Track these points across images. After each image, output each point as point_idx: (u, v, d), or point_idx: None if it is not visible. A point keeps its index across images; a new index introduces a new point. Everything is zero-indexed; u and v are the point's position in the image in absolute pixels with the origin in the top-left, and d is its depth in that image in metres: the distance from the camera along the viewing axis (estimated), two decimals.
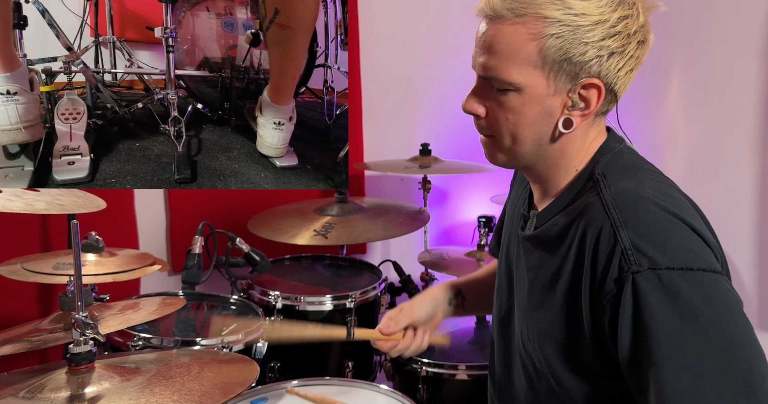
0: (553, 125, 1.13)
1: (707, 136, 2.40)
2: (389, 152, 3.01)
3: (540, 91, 1.10)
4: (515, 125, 1.13)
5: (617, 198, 1.07)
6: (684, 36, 2.44)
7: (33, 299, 2.47)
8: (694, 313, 0.97)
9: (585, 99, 1.11)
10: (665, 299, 0.97)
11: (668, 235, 1.01)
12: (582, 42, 1.06)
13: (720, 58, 2.36)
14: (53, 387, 1.29)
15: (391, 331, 1.46)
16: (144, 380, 1.33)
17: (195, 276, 2.17)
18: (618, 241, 1.02)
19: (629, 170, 1.15)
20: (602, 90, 1.10)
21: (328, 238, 2.40)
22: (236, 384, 1.35)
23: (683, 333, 0.96)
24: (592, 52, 1.07)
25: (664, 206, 1.04)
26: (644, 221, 1.02)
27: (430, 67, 3.00)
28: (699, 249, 1.02)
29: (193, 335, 2.03)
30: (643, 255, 1.00)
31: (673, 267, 0.98)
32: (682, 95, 2.51)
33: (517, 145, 1.15)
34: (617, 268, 1.02)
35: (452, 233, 3.27)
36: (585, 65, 1.08)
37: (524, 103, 1.11)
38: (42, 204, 1.59)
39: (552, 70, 1.08)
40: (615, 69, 1.09)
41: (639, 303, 0.99)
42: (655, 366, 0.97)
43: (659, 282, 0.98)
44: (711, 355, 0.95)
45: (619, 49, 1.08)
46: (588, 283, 1.06)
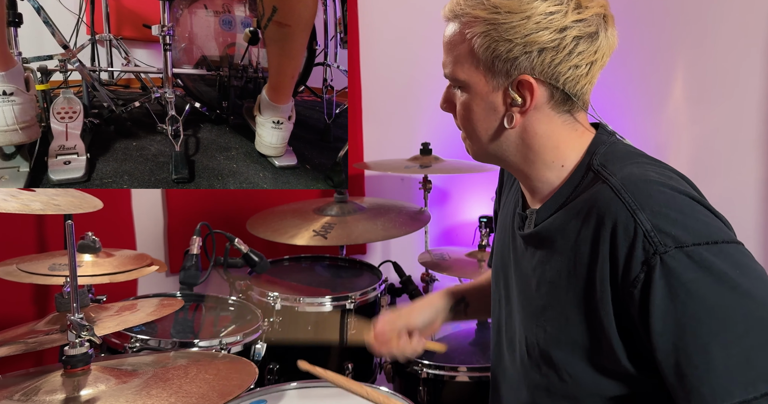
0: (499, 121, 1.15)
1: (711, 135, 2.39)
2: (389, 152, 3.00)
3: (481, 87, 1.14)
4: (467, 120, 1.18)
5: (627, 183, 1.06)
6: (688, 34, 2.44)
7: (28, 300, 2.46)
8: (731, 285, 0.97)
9: (522, 96, 1.13)
10: (700, 276, 0.97)
11: (686, 213, 1.01)
12: (506, 39, 1.09)
13: (724, 57, 2.35)
14: (48, 389, 1.28)
15: (386, 336, 1.46)
16: (141, 382, 1.32)
17: (193, 277, 2.17)
18: (638, 224, 1.01)
19: (628, 158, 1.15)
20: (534, 86, 1.10)
21: (327, 238, 2.40)
22: (234, 386, 1.34)
23: (725, 307, 0.96)
24: (519, 49, 1.09)
25: (673, 186, 1.05)
26: (660, 202, 1.02)
27: (430, 65, 2.95)
28: (716, 223, 1.03)
29: (191, 336, 2.03)
30: (666, 235, 0.99)
31: (699, 243, 0.98)
32: (686, 94, 2.50)
33: (473, 139, 1.20)
34: (641, 252, 1.00)
35: (453, 233, 3.26)
36: (514, 62, 1.10)
37: (471, 99, 1.15)
38: (38, 204, 1.57)
39: (487, 67, 1.12)
40: (550, 64, 1.09)
41: (672, 284, 0.98)
42: (700, 346, 0.96)
43: (689, 260, 0.97)
44: (757, 325, 0.96)
45: (550, 44, 1.08)
46: (608, 272, 1.05)
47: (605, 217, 1.05)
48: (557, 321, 1.15)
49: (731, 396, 0.95)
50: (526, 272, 1.24)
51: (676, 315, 0.98)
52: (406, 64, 3.09)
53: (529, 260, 1.23)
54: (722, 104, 2.37)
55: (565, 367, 1.15)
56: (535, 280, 1.21)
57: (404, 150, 2.89)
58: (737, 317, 0.96)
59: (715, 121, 2.39)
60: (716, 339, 0.95)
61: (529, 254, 1.23)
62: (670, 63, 2.50)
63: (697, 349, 0.96)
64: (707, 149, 2.38)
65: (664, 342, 0.99)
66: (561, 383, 1.16)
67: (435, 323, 1.53)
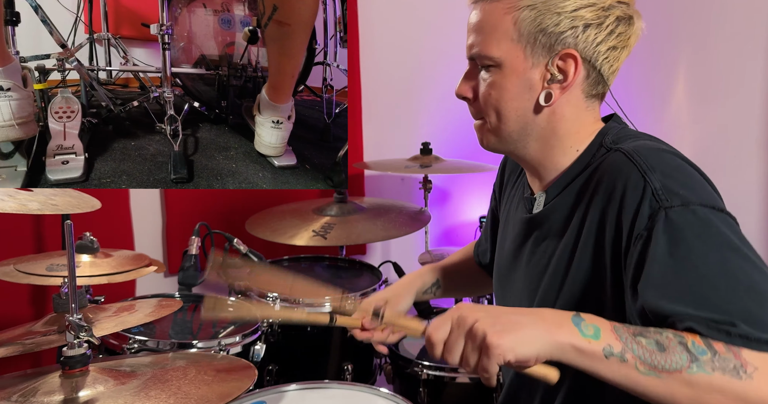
0: (535, 99, 1.15)
1: (713, 134, 2.40)
2: (389, 152, 3.01)
3: (518, 64, 1.13)
4: (498, 100, 1.16)
5: (639, 149, 1.09)
6: (690, 32, 2.44)
7: (26, 301, 2.45)
8: (733, 247, 0.98)
9: (563, 71, 1.13)
10: (702, 233, 0.98)
11: (695, 179, 1.04)
12: (555, 12, 1.10)
13: (727, 56, 2.35)
14: (46, 390, 1.28)
15: (374, 326, 1.42)
16: (139, 383, 1.32)
17: (192, 278, 2.17)
18: (648, 182, 1.03)
19: (638, 135, 1.18)
20: (578, 61, 1.12)
21: (327, 239, 2.40)
22: (233, 387, 1.34)
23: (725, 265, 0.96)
24: (566, 23, 1.10)
25: (684, 157, 1.08)
26: (671, 166, 1.05)
27: (430, 64, 3.01)
28: (718, 197, 1.05)
29: (189, 337, 2.03)
30: (674, 194, 1.01)
31: (705, 205, 1.00)
32: (688, 93, 2.50)
33: (501, 121, 1.17)
34: (648, 207, 1.02)
35: (453, 233, 3.27)
36: (560, 36, 1.11)
37: (504, 77, 1.14)
38: (35, 204, 1.57)
39: (528, 42, 1.11)
40: (593, 42, 1.11)
41: (674, 237, 0.99)
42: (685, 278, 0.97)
43: (694, 217, 0.99)
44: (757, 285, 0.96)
45: (595, 21, 1.10)
46: (614, 232, 1.06)
47: (617, 180, 1.07)
48: (568, 297, 1.15)
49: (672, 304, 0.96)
50: (533, 258, 1.24)
51: (674, 268, 0.98)
52: (406, 64, 3.10)
53: (536, 244, 1.23)
54: (724, 103, 2.37)
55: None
56: (545, 260, 1.21)
57: (404, 150, 2.89)
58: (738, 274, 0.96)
59: (718, 120, 2.39)
60: (703, 279, 0.96)
61: (536, 236, 1.23)
62: (673, 62, 2.50)
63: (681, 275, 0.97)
64: (709, 148, 2.39)
65: (649, 284, 0.99)
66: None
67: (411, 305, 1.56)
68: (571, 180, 1.18)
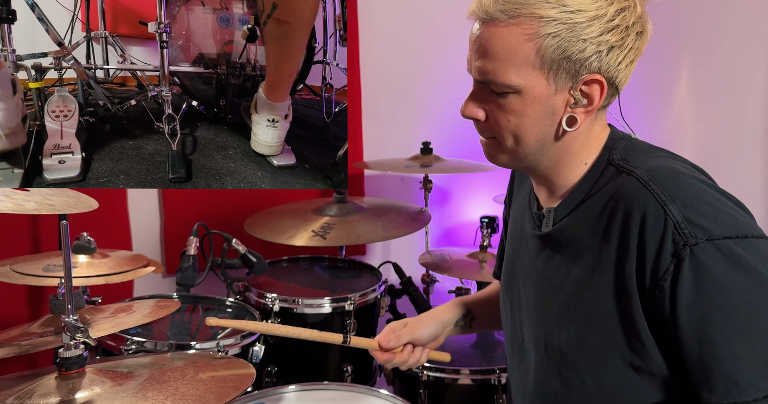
0: (557, 124, 1.12)
1: (717, 134, 2.39)
2: (389, 151, 3.01)
3: (540, 91, 1.08)
4: (518, 127, 1.12)
5: (655, 174, 1.05)
6: (694, 31, 2.44)
7: (22, 302, 2.45)
8: (759, 280, 0.97)
9: (587, 95, 1.10)
10: (728, 270, 0.97)
11: (716, 206, 1.01)
12: (580, 39, 1.05)
13: (730, 55, 2.35)
14: (43, 392, 1.27)
15: (390, 347, 1.44)
16: (137, 385, 1.32)
17: (190, 278, 2.17)
18: (669, 216, 1.00)
19: (649, 151, 1.14)
20: (604, 85, 1.08)
21: (326, 239, 2.40)
22: (232, 388, 1.33)
23: (752, 302, 0.96)
24: (591, 49, 1.06)
25: (701, 178, 1.05)
26: (690, 194, 1.02)
27: (431, 63, 3.01)
28: (744, 218, 1.02)
29: (187, 338, 2.03)
30: (697, 227, 0.98)
31: (730, 236, 0.98)
32: (691, 92, 2.50)
33: (520, 146, 1.14)
34: (671, 243, 0.99)
35: (454, 233, 3.26)
36: (585, 62, 1.06)
37: (525, 104, 1.09)
38: (32, 204, 1.56)
39: (551, 69, 1.07)
40: (615, 63, 1.08)
41: (700, 277, 0.97)
42: (726, 339, 0.96)
43: (719, 253, 0.97)
44: None
45: (618, 43, 1.07)
46: (635, 265, 1.04)
47: (633, 209, 1.04)
48: (582, 321, 1.13)
49: (756, 390, 0.95)
50: (546, 273, 1.21)
51: (702, 308, 0.97)
52: (406, 63, 3.09)
53: (549, 261, 1.20)
54: (728, 103, 2.37)
55: (587, 369, 1.13)
56: (558, 280, 1.18)
57: (404, 149, 2.89)
58: (764, 312, 0.96)
59: (721, 120, 2.38)
60: (741, 332, 0.95)
61: (547, 254, 1.21)
62: (676, 62, 2.50)
63: (722, 342, 0.96)
64: (713, 149, 2.38)
65: (690, 334, 0.99)
66: (583, 386, 1.14)
67: (440, 337, 1.51)
68: (580, 200, 1.15)
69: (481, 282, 2.55)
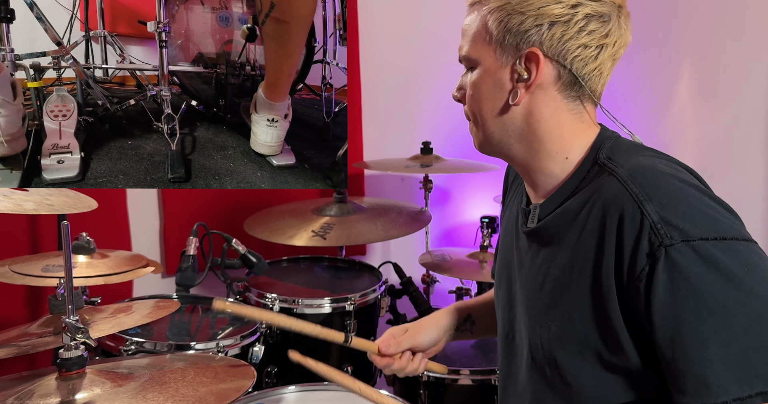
0: (505, 99, 1.15)
1: (718, 134, 2.38)
2: (389, 151, 3.00)
3: (490, 64, 1.15)
4: (476, 101, 1.18)
5: (634, 174, 1.05)
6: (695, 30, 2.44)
7: (21, 302, 2.43)
8: (736, 283, 0.95)
9: (529, 70, 1.12)
10: (703, 271, 0.95)
11: (695, 206, 1.00)
12: (519, 11, 1.10)
13: (732, 54, 2.34)
14: (43, 393, 1.28)
15: (390, 353, 1.44)
16: (137, 386, 1.32)
17: (189, 278, 2.16)
18: (645, 215, 0.99)
19: (635, 150, 1.14)
20: (540, 59, 1.11)
21: (326, 239, 2.40)
22: (232, 389, 1.34)
23: (727, 305, 0.95)
24: (530, 21, 1.10)
25: (683, 178, 1.04)
26: (668, 194, 1.01)
27: (431, 62, 3.01)
28: (726, 219, 1.01)
29: (187, 339, 2.03)
30: (673, 228, 0.97)
31: (707, 238, 0.97)
32: (693, 92, 2.49)
33: (480, 121, 1.19)
34: (647, 243, 0.99)
35: (454, 234, 3.26)
36: (525, 35, 1.11)
37: (480, 77, 1.16)
38: (31, 204, 1.56)
39: (498, 42, 1.13)
40: (560, 40, 1.10)
41: (675, 278, 0.96)
42: (699, 341, 0.96)
43: (695, 254, 0.96)
44: (758, 324, 0.94)
45: (561, 19, 1.09)
46: (614, 265, 1.03)
47: (611, 208, 1.04)
48: (562, 319, 1.13)
49: (726, 392, 0.94)
50: (531, 271, 1.22)
51: (676, 309, 0.97)
52: (406, 62, 3.09)
53: (534, 258, 1.21)
54: (729, 102, 2.36)
55: (569, 368, 1.12)
56: (540, 277, 1.18)
57: (404, 149, 2.88)
58: (739, 315, 0.94)
59: (722, 120, 2.38)
60: (715, 335, 0.95)
61: (534, 251, 1.21)
62: (677, 61, 2.49)
63: (694, 343, 0.96)
64: (714, 148, 2.37)
65: (663, 334, 0.98)
66: (565, 387, 1.14)
67: (439, 343, 1.51)
68: (565, 198, 1.16)
69: (481, 282, 2.55)
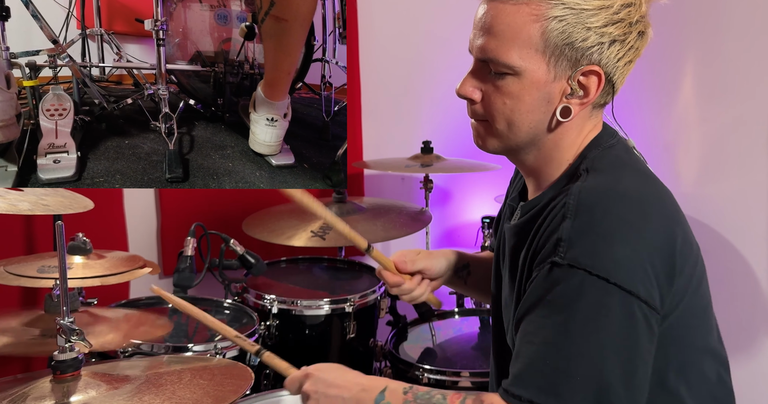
0: (551, 113, 1.13)
1: (723, 133, 2.37)
2: (389, 150, 2.99)
3: (540, 76, 1.10)
4: (512, 111, 1.13)
5: (583, 191, 1.07)
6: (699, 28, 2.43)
7: (16, 303, 2.42)
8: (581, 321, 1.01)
9: (584, 87, 1.11)
10: (567, 294, 1.01)
11: (609, 240, 1.02)
12: (585, 27, 1.07)
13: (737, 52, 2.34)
14: (37, 395, 1.27)
15: (407, 269, 1.46)
16: (133, 388, 1.32)
17: (187, 279, 2.15)
18: (560, 229, 1.04)
19: (612, 167, 1.15)
20: (602, 78, 1.10)
21: (325, 239, 2.39)
22: (229, 391, 1.34)
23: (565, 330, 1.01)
24: (594, 38, 1.07)
25: (631, 207, 1.05)
26: (593, 219, 1.04)
27: (431, 61, 3.01)
28: (631, 266, 1.02)
29: (185, 341, 2.02)
30: (573, 250, 1.02)
31: (591, 272, 1.00)
32: (697, 90, 2.49)
33: (512, 131, 1.15)
34: (547, 252, 1.05)
35: (455, 234, 3.25)
36: (586, 51, 1.08)
37: (523, 88, 1.11)
38: (26, 204, 1.56)
39: (553, 54, 1.08)
40: (615, 58, 1.09)
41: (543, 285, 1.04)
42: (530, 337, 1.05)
43: (571, 279, 1.01)
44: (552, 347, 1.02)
45: (621, 38, 1.08)
46: (528, 259, 1.11)
47: (550, 215, 1.09)
48: (511, 313, 1.19)
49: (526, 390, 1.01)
50: (506, 265, 1.26)
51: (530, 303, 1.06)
52: (406, 61, 3.09)
53: (510, 253, 1.24)
54: (734, 101, 2.35)
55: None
56: (509, 269, 1.23)
57: (405, 148, 2.87)
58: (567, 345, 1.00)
59: (727, 119, 2.36)
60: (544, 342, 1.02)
61: (510, 246, 1.24)
62: (680, 60, 2.48)
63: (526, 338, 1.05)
64: (718, 148, 2.36)
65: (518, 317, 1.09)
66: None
67: (443, 276, 1.53)
68: (545, 202, 1.17)
69: None
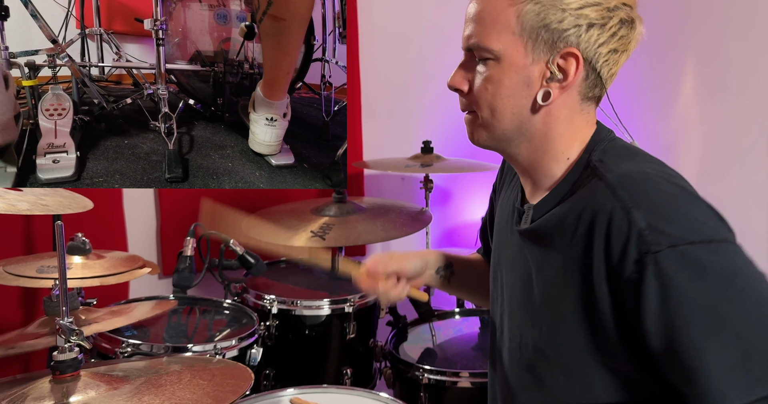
0: (532, 98, 1.13)
1: (723, 133, 2.37)
2: (389, 150, 2.98)
3: (518, 59, 1.10)
4: (494, 96, 1.13)
5: (623, 180, 1.05)
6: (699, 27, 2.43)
7: (16, 304, 2.41)
8: (725, 286, 0.96)
9: (563, 70, 1.11)
10: (691, 277, 0.96)
11: (681, 210, 1.00)
12: (559, 8, 1.07)
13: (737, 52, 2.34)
14: (36, 396, 1.26)
15: (377, 271, 1.43)
16: (132, 388, 1.31)
17: (187, 280, 2.14)
18: (632, 223, 0.99)
19: (626, 154, 1.14)
20: (580, 61, 1.09)
21: (325, 239, 2.37)
22: (229, 392, 1.32)
23: (718, 309, 0.95)
24: (570, 20, 1.08)
25: (671, 181, 1.04)
26: (655, 200, 1.01)
27: (431, 61, 2.99)
28: (713, 222, 1.01)
29: (184, 341, 2.02)
30: (660, 233, 0.97)
31: (693, 241, 0.97)
32: (697, 90, 2.48)
33: (495, 118, 1.15)
34: (635, 251, 0.99)
35: (455, 234, 3.25)
36: (563, 34, 1.08)
37: (503, 71, 1.11)
38: (25, 204, 1.56)
39: (530, 37, 1.09)
40: (595, 43, 1.09)
41: (665, 284, 0.97)
42: (695, 349, 0.96)
43: (682, 259, 0.96)
44: (751, 327, 0.95)
45: (599, 21, 1.08)
46: (604, 271, 1.03)
47: (600, 214, 1.04)
48: (553, 320, 1.13)
49: (728, 400, 0.94)
50: (523, 270, 1.22)
51: (669, 317, 0.97)
52: (406, 60, 3.08)
53: (526, 257, 1.21)
54: (734, 101, 2.35)
55: (559, 366, 1.13)
56: (533, 277, 1.19)
57: (405, 148, 2.86)
58: (731, 318, 0.95)
59: (727, 118, 2.36)
60: (710, 341, 0.95)
61: (527, 250, 1.21)
62: (681, 59, 2.47)
63: (692, 352, 0.96)
64: (718, 148, 2.36)
65: (659, 344, 0.98)
66: (553, 382, 1.15)
67: (422, 276, 1.50)
68: (558, 201, 1.16)
69: None
